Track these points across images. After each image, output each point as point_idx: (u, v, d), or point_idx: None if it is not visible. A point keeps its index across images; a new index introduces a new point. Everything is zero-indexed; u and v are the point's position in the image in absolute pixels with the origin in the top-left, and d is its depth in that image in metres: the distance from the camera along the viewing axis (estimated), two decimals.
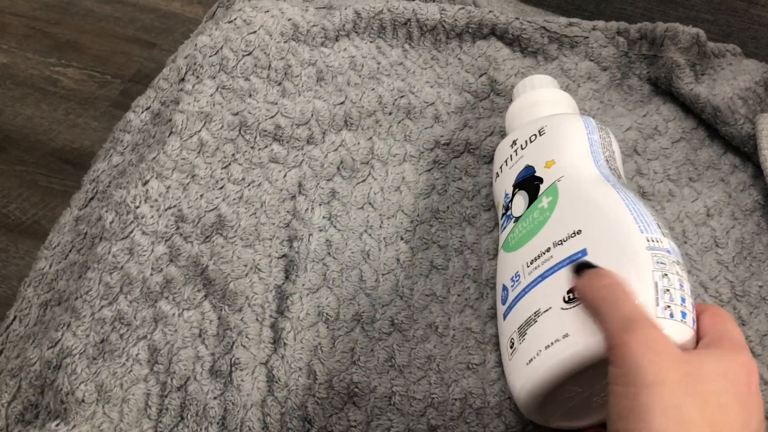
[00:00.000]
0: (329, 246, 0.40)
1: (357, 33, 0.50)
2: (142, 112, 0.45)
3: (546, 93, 0.41)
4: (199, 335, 0.36)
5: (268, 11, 0.47)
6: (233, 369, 0.35)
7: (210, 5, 0.55)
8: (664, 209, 0.44)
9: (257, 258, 0.39)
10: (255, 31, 0.46)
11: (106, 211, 0.39)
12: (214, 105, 0.43)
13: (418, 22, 0.50)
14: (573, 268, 0.29)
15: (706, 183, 0.46)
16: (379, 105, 0.46)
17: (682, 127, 0.48)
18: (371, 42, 0.50)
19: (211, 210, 0.40)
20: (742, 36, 0.61)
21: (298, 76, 0.46)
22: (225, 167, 0.41)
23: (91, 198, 0.43)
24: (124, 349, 0.35)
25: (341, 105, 0.46)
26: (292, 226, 0.41)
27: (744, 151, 0.47)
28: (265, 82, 0.45)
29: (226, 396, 0.34)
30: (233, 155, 0.42)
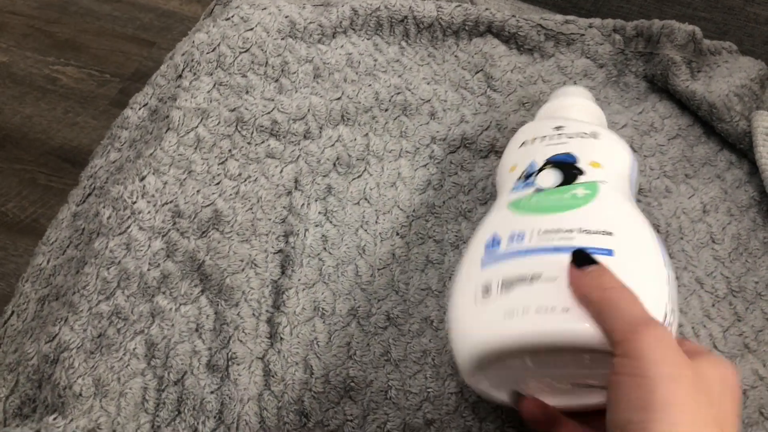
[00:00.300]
0: (325, 241, 0.40)
1: (354, 30, 0.50)
2: (139, 108, 0.45)
3: (599, 112, 0.43)
4: (196, 330, 0.36)
5: (265, 8, 0.47)
6: (230, 363, 0.35)
7: (208, 3, 0.55)
8: (660, 205, 0.44)
9: (254, 253, 0.39)
10: (252, 28, 0.46)
11: (103, 207, 0.39)
12: (211, 101, 0.43)
13: (414, 19, 0.50)
14: (575, 255, 0.29)
15: (702, 180, 0.46)
16: (376, 101, 0.46)
17: (678, 124, 0.48)
18: (368, 39, 0.50)
19: (208, 205, 0.40)
20: (738, 33, 0.62)
21: (295, 72, 0.46)
22: (222, 163, 0.42)
23: (89, 194, 0.43)
24: (121, 344, 0.35)
25: (338, 101, 0.46)
26: (288, 221, 0.41)
27: (740, 148, 0.47)
28: (262, 78, 0.45)
29: (222, 390, 0.35)
30: (230, 151, 0.42)
